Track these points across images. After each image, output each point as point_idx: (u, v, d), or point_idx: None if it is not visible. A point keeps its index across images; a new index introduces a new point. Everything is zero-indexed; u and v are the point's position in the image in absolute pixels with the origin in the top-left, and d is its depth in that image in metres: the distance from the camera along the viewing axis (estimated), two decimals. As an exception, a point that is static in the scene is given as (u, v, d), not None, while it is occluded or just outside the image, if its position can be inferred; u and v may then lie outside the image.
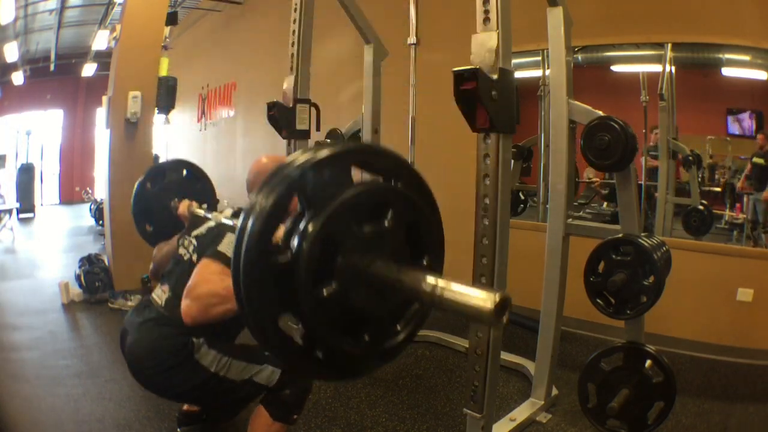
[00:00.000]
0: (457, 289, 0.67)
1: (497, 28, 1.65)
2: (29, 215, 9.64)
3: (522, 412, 2.24)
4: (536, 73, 3.76)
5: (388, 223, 0.79)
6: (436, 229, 0.89)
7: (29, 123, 11.97)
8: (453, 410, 2.33)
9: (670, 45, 3.20)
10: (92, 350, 3.01)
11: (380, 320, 0.82)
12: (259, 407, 1.64)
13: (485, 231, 1.74)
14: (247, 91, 7.07)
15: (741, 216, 3.31)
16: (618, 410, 1.95)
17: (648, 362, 2.03)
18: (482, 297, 0.64)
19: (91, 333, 3.36)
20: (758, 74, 3.06)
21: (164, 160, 2.50)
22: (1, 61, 9.19)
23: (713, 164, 3.43)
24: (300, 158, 0.74)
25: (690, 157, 3.40)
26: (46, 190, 12.31)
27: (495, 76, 1.63)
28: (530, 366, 2.58)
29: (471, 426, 1.85)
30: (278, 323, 0.74)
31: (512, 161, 1.92)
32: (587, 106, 2.12)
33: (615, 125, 1.97)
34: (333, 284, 0.74)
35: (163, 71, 4.68)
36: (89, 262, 4.06)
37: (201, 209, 1.97)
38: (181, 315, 1.44)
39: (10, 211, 7.60)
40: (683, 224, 3.45)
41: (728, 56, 3.14)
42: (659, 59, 3.28)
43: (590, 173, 4.00)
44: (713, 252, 3.18)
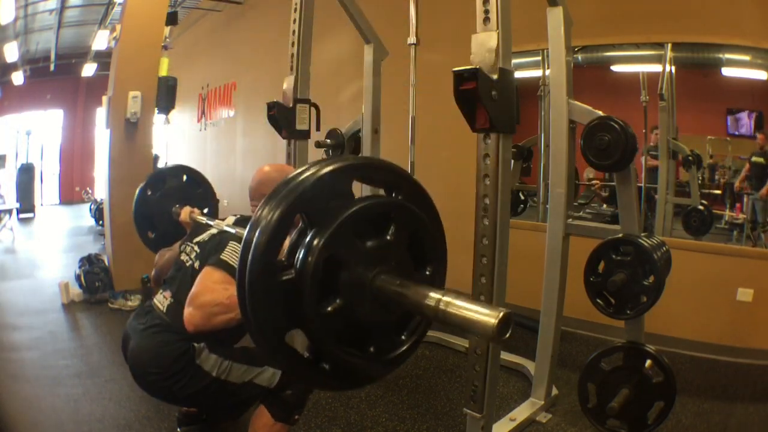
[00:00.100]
0: (461, 305, 0.68)
1: (497, 28, 1.65)
2: (29, 215, 9.63)
3: (522, 412, 2.24)
4: (536, 73, 3.76)
5: (391, 236, 0.80)
6: (439, 239, 0.90)
7: (29, 123, 11.97)
8: (453, 410, 2.33)
9: (670, 45, 3.20)
10: (92, 350, 3.01)
11: (385, 332, 0.82)
12: (261, 407, 1.64)
13: (485, 231, 1.74)
14: (247, 91, 7.07)
15: (741, 216, 3.31)
16: (618, 410, 1.95)
17: (648, 362, 2.03)
18: (485, 314, 0.65)
19: (91, 333, 3.36)
20: (758, 74, 3.06)
21: (164, 166, 2.51)
22: (1, 61, 9.19)
23: (713, 164, 3.43)
24: (302, 175, 0.75)
25: (690, 157, 3.40)
26: (46, 190, 12.30)
27: (495, 76, 1.63)
28: (530, 366, 2.58)
29: (471, 426, 1.85)
30: (284, 338, 0.74)
31: (512, 161, 1.92)
32: (587, 106, 2.11)
33: (615, 125, 1.97)
34: (338, 300, 0.75)
35: (163, 71, 4.68)
36: (89, 262, 4.07)
37: (203, 216, 1.97)
38: (184, 322, 1.44)
39: (10, 211, 7.60)
40: (683, 224, 3.45)
41: (728, 56, 3.14)
42: (659, 59, 3.28)
43: (590, 173, 4.00)
44: (713, 252, 3.17)
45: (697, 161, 3.40)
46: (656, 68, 3.33)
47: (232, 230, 1.62)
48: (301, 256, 0.73)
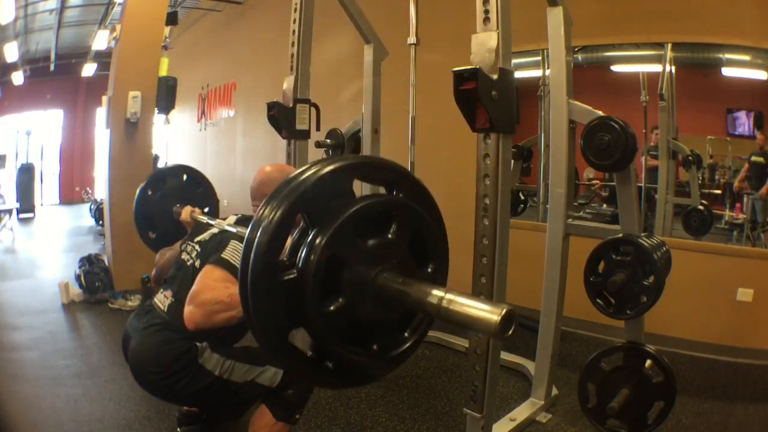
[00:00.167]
0: (464, 302, 0.68)
1: (497, 28, 1.65)
2: (29, 215, 9.63)
3: (522, 412, 2.24)
4: (536, 73, 3.76)
5: (392, 235, 0.80)
6: (440, 237, 0.89)
7: (29, 123, 11.97)
8: (453, 410, 2.33)
9: (670, 45, 3.20)
10: (92, 350, 3.01)
11: (387, 330, 0.82)
12: (262, 407, 1.65)
13: (485, 231, 1.74)
14: (247, 91, 7.07)
15: (741, 216, 3.31)
16: (618, 410, 1.95)
17: (648, 362, 2.03)
18: (488, 311, 0.65)
19: (91, 333, 3.36)
20: (758, 74, 3.06)
21: (164, 166, 2.51)
22: (1, 61, 9.19)
23: (713, 164, 3.43)
24: (303, 175, 0.75)
25: (690, 157, 3.40)
26: (46, 190, 12.30)
27: (495, 76, 1.63)
28: (530, 366, 2.58)
29: (471, 426, 1.85)
30: (287, 338, 0.75)
31: (512, 161, 1.92)
32: (587, 106, 2.11)
33: (615, 125, 1.97)
34: (340, 299, 0.75)
35: (163, 71, 4.68)
36: (89, 262, 4.07)
37: (203, 215, 1.97)
38: (184, 321, 1.44)
39: (10, 211, 7.60)
40: (683, 224, 3.45)
41: (728, 56, 3.14)
42: (659, 59, 3.28)
43: (590, 173, 4.00)
44: (713, 252, 3.17)
45: (697, 161, 3.40)
46: (656, 68, 3.33)
47: (233, 229, 1.62)
48: (303, 256, 0.73)
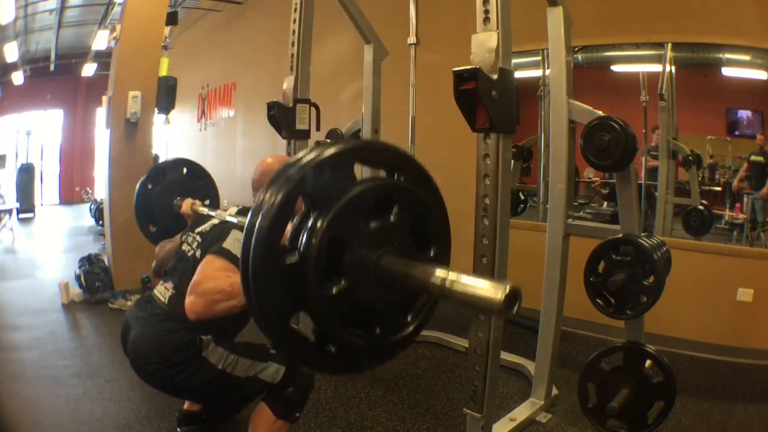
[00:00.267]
0: (467, 282, 0.68)
1: (497, 28, 1.65)
2: (29, 215, 9.63)
3: (522, 412, 2.24)
4: (536, 73, 3.76)
5: (394, 218, 0.80)
6: (442, 220, 0.89)
7: (29, 123, 11.97)
8: (453, 410, 2.33)
9: (670, 45, 3.20)
10: (92, 350, 3.01)
11: (390, 313, 0.82)
12: (262, 405, 1.64)
13: (485, 231, 1.74)
14: (247, 91, 7.07)
15: (741, 216, 3.31)
16: (618, 410, 1.95)
17: (648, 362, 2.03)
18: (492, 289, 0.65)
19: (91, 333, 3.36)
20: (758, 74, 3.06)
21: (165, 159, 2.49)
22: (1, 61, 9.19)
23: (713, 164, 3.43)
24: (304, 158, 0.75)
25: (690, 157, 3.40)
26: (46, 190, 12.31)
27: (495, 76, 1.63)
28: (530, 366, 2.58)
29: (471, 426, 1.85)
30: (289, 321, 0.74)
31: (512, 161, 1.92)
32: (587, 106, 2.11)
33: (615, 125, 1.97)
34: (342, 282, 0.74)
35: (163, 71, 4.68)
36: (89, 262, 4.07)
37: (204, 207, 1.97)
38: (185, 311, 1.43)
39: (10, 211, 7.60)
40: (683, 224, 3.45)
41: (728, 56, 3.14)
42: (659, 59, 3.28)
43: (590, 172, 4.00)
44: (713, 252, 3.17)
45: (697, 161, 3.40)
46: (656, 68, 3.33)
47: (234, 219, 1.62)
48: (305, 239, 0.72)
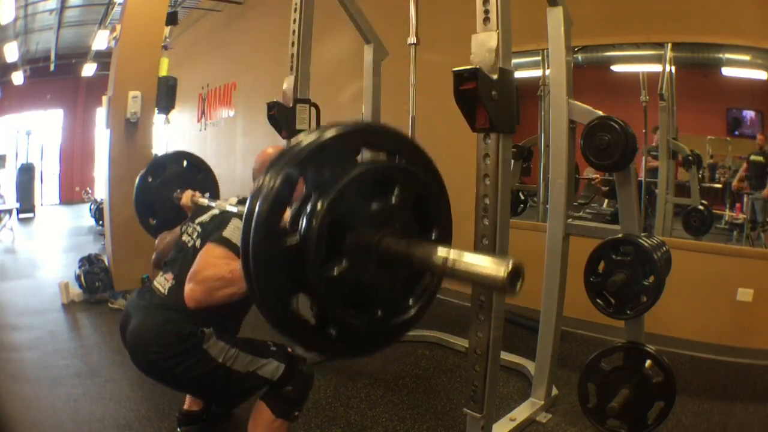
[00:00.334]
0: (469, 260, 0.68)
1: (497, 28, 1.65)
2: (29, 215, 9.64)
3: (522, 412, 2.24)
4: (536, 73, 3.76)
5: (395, 200, 0.79)
6: (443, 203, 0.89)
7: (29, 123, 11.97)
8: (453, 410, 2.33)
9: (670, 45, 3.20)
10: (92, 350, 3.01)
11: (392, 296, 0.82)
12: (260, 404, 1.63)
13: (485, 231, 1.74)
14: (247, 91, 7.07)
15: (741, 216, 3.31)
16: (618, 410, 1.95)
17: (648, 362, 2.03)
18: (494, 266, 0.65)
19: (91, 333, 3.36)
20: (758, 74, 3.06)
21: (165, 152, 2.47)
22: (1, 61, 9.19)
23: (713, 164, 3.43)
24: (304, 141, 0.74)
25: (690, 157, 3.40)
26: (46, 190, 12.31)
27: (495, 76, 1.63)
28: (530, 366, 2.58)
29: (471, 426, 1.84)
30: (290, 304, 0.73)
31: (512, 161, 1.92)
32: (587, 106, 2.11)
33: (615, 125, 1.97)
34: (343, 262, 0.74)
35: (163, 71, 4.68)
36: (89, 262, 4.06)
37: (204, 198, 1.96)
38: (185, 299, 1.42)
39: (10, 211, 7.60)
40: (683, 224, 3.45)
41: (728, 56, 3.14)
42: (659, 59, 3.28)
43: (591, 171, 4.00)
44: (713, 252, 3.17)
45: (697, 161, 3.40)
46: (656, 68, 3.33)
47: (234, 209, 1.61)
48: (305, 220, 0.72)
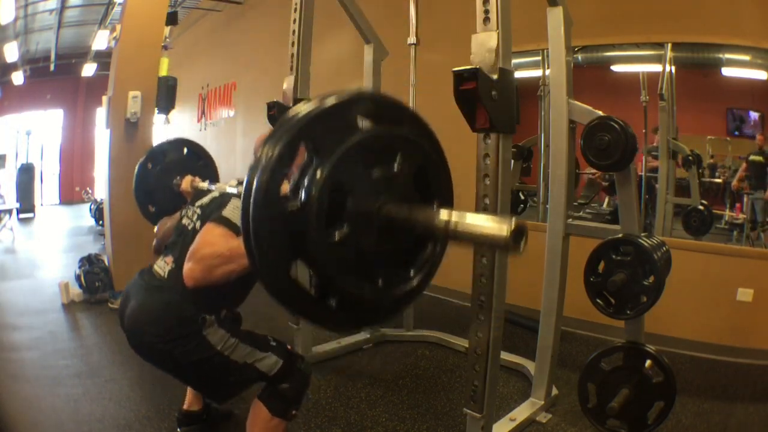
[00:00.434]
0: (472, 221, 0.68)
1: (497, 28, 1.65)
2: (29, 215, 9.63)
3: (522, 412, 2.24)
4: (536, 73, 3.76)
5: (397, 168, 0.79)
6: (444, 174, 0.89)
7: (29, 123, 11.97)
8: (453, 410, 2.33)
9: (670, 45, 3.20)
10: (92, 350, 3.01)
11: (393, 265, 0.81)
12: (258, 403, 1.62)
13: (485, 231, 1.73)
14: (247, 91, 7.07)
15: (741, 216, 3.31)
16: (618, 410, 1.95)
17: (648, 362, 2.03)
18: (497, 225, 0.65)
19: (91, 333, 3.36)
20: (758, 74, 3.06)
21: (165, 139, 2.44)
22: (1, 61, 9.19)
23: (713, 164, 3.43)
24: (305, 108, 0.73)
25: (690, 157, 3.40)
26: (46, 190, 12.31)
27: (495, 76, 1.63)
28: (530, 366, 2.58)
29: (471, 426, 1.85)
30: (290, 271, 0.72)
31: (512, 161, 1.92)
32: (587, 106, 2.11)
33: (615, 125, 1.97)
34: (344, 227, 0.73)
35: (163, 71, 4.67)
36: (89, 262, 4.06)
37: (204, 183, 1.95)
38: (183, 278, 1.41)
39: (10, 211, 7.60)
40: (683, 224, 3.45)
41: (728, 56, 3.14)
42: (659, 59, 3.28)
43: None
44: (713, 252, 3.17)
45: (697, 161, 3.40)
46: (656, 68, 3.33)
47: (234, 190, 1.60)
48: (306, 184, 0.71)
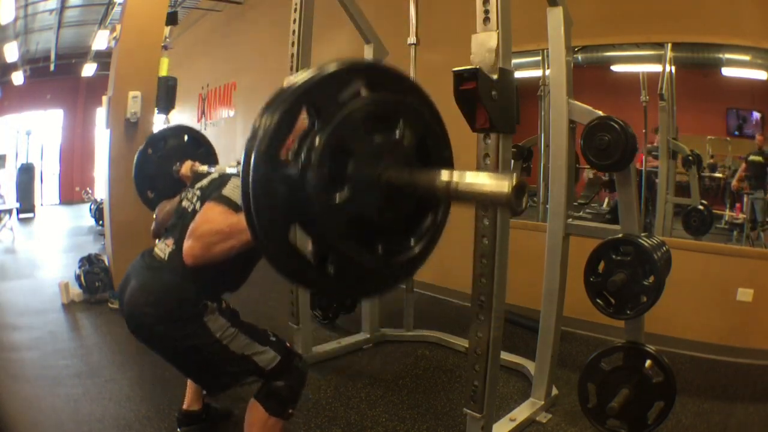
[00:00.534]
0: (473, 180, 0.68)
1: (497, 28, 1.65)
2: (29, 215, 9.64)
3: (522, 412, 2.24)
4: (536, 73, 3.76)
5: (399, 135, 0.79)
6: (444, 144, 0.89)
7: (29, 123, 11.98)
8: (453, 410, 2.33)
9: (670, 45, 3.20)
10: (92, 350, 3.01)
11: (393, 234, 0.80)
12: (254, 403, 1.61)
13: (485, 231, 1.74)
14: (247, 91, 7.07)
15: (741, 216, 3.31)
16: (618, 410, 1.95)
17: (648, 362, 2.03)
18: (498, 182, 0.65)
19: (91, 333, 3.36)
20: (758, 74, 3.06)
21: (165, 126, 2.42)
22: (1, 61, 9.19)
23: (713, 164, 3.43)
24: (306, 74, 0.73)
25: (690, 157, 3.40)
26: (46, 190, 12.32)
27: (495, 76, 1.63)
28: (530, 366, 2.58)
29: (471, 426, 1.85)
30: (288, 235, 0.72)
31: (512, 161, 1.92)
32: (587, 106, 2.11)
33: (615, 125, 1.97)
34: (345, 190, 0.72)
35: (163, 71, 4.67)
36: (89, 262, 4.06)
37: (204, 167, 1.95)
38: (183, 256, 1.41)
39: (10, 211, 7.60)
40: (683, 224, 3.45)
41: (728, 56, 3.14)
42: (659, 59, 3.28)
43: (590, 173, 4.00)
44: (713, 252, 3.17)
45: (697, 161, 3.40)
46: (656, 68, 3.33)
47: (234, 170, 1.59)
48: (308, 145, 0.71)
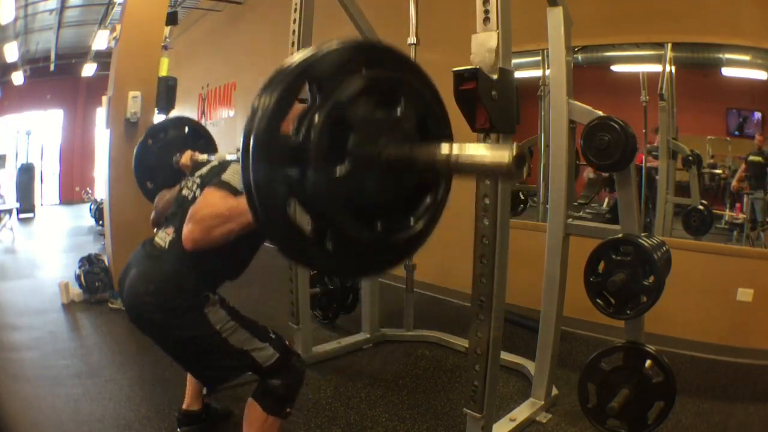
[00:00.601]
0: (473, 152, 0.69)
1: (497, 28, 1.66)
2: (29, 215, 9.64)
3: (522, 412, 2.24)
4: (536, 73, 3.76)
5: (400, 112, 0.79)
6: (444, 124, 0.89)
7: (29, 123, 11.98)
8: (453, 410, 2.33)
9: (670, 45, 3.20)
10: (92, 350, 3.01)
11: (393, 210, 0.80)
12: (252, 402, 1.61)
13: (485, 231, 1.74)
14: (247, 91, 7.06)
15: (741, 216, 3.31)
16: (618, 410, 1.95)
17: (648, 362, 2.03)
18: (499, 152, 0.66)
19: (91, 333, 3.36)
20: (758, 74, 3.06)
21: (165, 118, 2.41)
22: (1, 61, 9.19)
23: (713, 164, 3.43)
24: (308, 51, 0.74)
25: (690, 157, 3.40)
26: (46, 190, 12.32)
27: (495, 76, 1.63)
28: (530, 366, 2.58)
29: (471, 426, 1.85)
30: (287, 207, 0.71)
31: (512, 161, 1.92)
32: (587, 106, 2.12)
33: (615, 125, 1.97)
34: (345, 164, 0.72)
35: (163, 71, 4.67)
36: (89, 262, 4.06)
37: (203, 156, 1.94)
38: (183, 241, 1.40)
39: (10, 211, 7.60)
40: (683, 224, 3.45)
41: (728, 56, 3.14)
42: (659, 59, 3.28)
43: (590, 173, 4.00)
44: (713, 252, 3.17)
45: (697, 161, 3.40)
46: (656, 68, 3.33)
47: (234, 157, 1.59)
48: (309, 119, 0.71)
